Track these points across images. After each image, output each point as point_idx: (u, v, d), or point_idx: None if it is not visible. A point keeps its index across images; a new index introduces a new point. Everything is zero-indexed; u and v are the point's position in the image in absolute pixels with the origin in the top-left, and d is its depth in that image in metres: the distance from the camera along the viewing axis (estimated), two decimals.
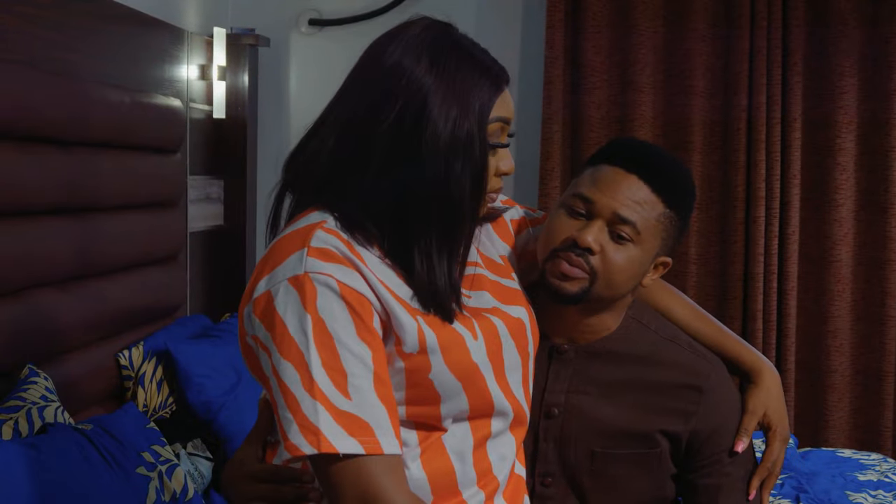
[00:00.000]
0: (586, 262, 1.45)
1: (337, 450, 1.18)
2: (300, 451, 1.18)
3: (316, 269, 1.21)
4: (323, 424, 1.18)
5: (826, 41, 3.88)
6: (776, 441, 1.56)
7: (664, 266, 1.54)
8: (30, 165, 2.44)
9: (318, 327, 1.20)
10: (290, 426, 1.18)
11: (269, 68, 4.08)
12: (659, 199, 1.48)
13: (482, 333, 1.34)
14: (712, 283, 4.00)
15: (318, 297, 1.20)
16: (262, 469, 1.36)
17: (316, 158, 1.31)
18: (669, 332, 1.58)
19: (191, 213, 3.58)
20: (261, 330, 1.23)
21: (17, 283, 2.42)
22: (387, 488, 1.19)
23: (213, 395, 2.92)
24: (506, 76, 1.34)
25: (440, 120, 1.26)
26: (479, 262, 1.44)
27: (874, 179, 3.90)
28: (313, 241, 1.24)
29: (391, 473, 1.21)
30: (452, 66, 1.29)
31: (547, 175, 3.96)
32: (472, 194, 1.29)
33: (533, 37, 4.08)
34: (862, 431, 3.95)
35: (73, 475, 2.10)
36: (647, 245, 1.48)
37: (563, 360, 1.54)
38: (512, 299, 1.43)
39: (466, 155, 1.27)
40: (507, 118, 1.33)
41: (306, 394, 1.18)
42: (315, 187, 1.32)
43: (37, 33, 2.57)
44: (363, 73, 1.33)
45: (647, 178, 1.48)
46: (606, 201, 1.47)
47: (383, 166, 1.27)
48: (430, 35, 1.31)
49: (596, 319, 1.54)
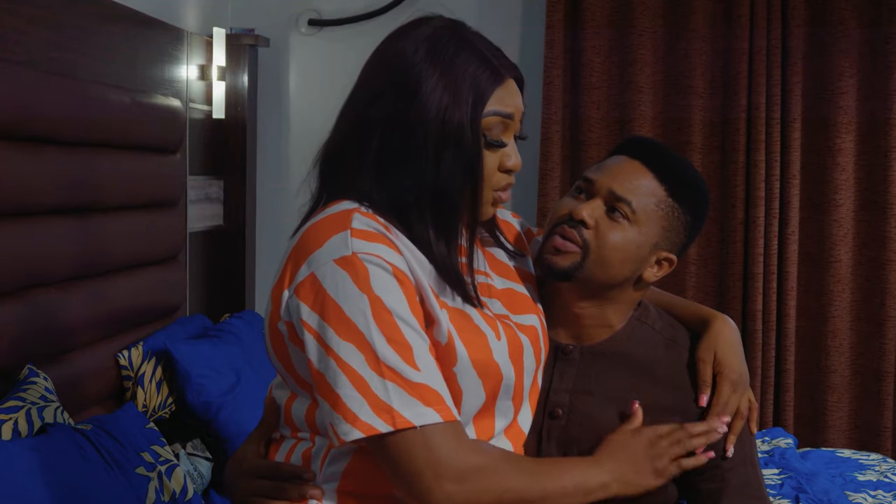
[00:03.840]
0: (580, 234, 1.47)
1: (413, 423, 1.19)
2: (375, 429, 1.19)
3: (363, 250, 1.22)
4: (395, 401, 1.19)
5: (826, 41, 3.88)
6: (724, 383, 1.48)
7: (668, 263, 1.54)
8: (30, 165, 2.44)
9: (376, 305, 1.20)
10: (361, 406, 1.19)
11: (268, 68, 4.08)
12: (661, 186, 1.49)
13: (505, 336, 1.34)
14: (712, 283, 4.00)
15: (371, 276, 1.21)
16: (263, 465, 1.36)
17: (330, 153, 1.33)
18: (671, 334, 1.58)
19: (190, 214, 3.59)
20: (307, 313, 1.22)
21: (17, 283, 2.42)
22: (465, 450, 1.23)
23: (213, 395, 2.92)
24: (512, 70, 1.33)
25: (430, 107, 1.27)
26: (488, 273, 1.44)
27: (874, 179, 3.89)
28: (354, 222, 1.25)
29: (463, 436, 1.24)
30: (450, 55, 1.29)
31: (547, 175, 3.96)
32: (465, 187, 1.29)
33: (533, 37, 4.08)
34: (861, 431, 3.95)
35: (72, 475, 2.10)
36: (645, 230, 1.48)
37: (568, 360, 1.54)
38: (523, 307, 1.43)
39: (457, 145, 1.27)
40: (506, 112, 1.31)
41: (374, 373, 1.19)
42: (329, 181, 1.33)
43: (37, 33, 2.57)
44: (369, 66, 1.34)
45: (651, 166, 1.50)
46: (605, 180, 1.49)
47: (381, 155, 1.29)
48: (435, 28, 1.32)
49: (597, 312, 1.54)
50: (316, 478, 1.31)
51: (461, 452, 1.22)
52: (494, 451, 1.30)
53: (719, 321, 1.55)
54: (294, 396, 1.33)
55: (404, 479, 1.22)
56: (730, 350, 1.51)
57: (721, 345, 1.51)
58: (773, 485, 2.97)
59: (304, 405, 1.31)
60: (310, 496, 1.30)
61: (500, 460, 1.28)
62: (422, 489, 1.22)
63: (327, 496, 1.30)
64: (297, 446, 1.34)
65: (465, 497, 1.22)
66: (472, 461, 1.23)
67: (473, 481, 1.23)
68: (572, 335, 1.56)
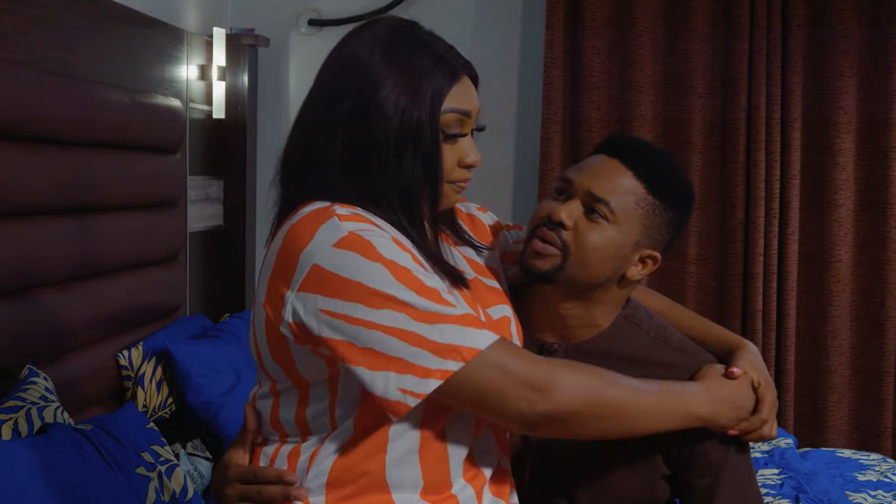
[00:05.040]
0: (559, 236, 1.47)
1: (479, 348, 1.23)
2: (449, 371, 1.22)
3: (358, 228, 1.25)
4: (455, 338, 1.22)
5: (826, 41, 3.87)
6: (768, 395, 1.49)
7: (653, 261, 1.53)
8: (30, 165, 2.44)
9: (393, 268, 1.23)
10: (426, 358, 1.21)
11: (268, 68, 4.08)
12: (641, 184, 1.49)
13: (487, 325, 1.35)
14: (712, 283, 4.00)
15: (377, 245, 1.23)
16: (247, 470, 1.37)
17: (292, 156, 1.36)
18: (660, 332, 1.57)
19: (190, 214, 3.59)
20: (325, 302, 1.23)
21: (17, 283, 2.42)
22: (531, 359, 1.27)
23: (213, 395, 2.92)
24: (466, 69, 1.35)
25: (389, 107, 1.29)
26: (459, 267, 1.44)
27: (874, 179, 3.89)
28: (337, 210, 1.27)
29: (518, 347, 1.33)
30: (405, 55, 1.31)
31: (547, 175, 3.96)
32: (424, 182, 1.31)
33: (533, 37, 4.08)
34: (861, 431, 3.95)
35: (72, 475, 2.10)
36: (625, 228, 1.48)
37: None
38: (494, 299, 1.45)
39: (416, 142, 1.30)
40: (464, 110, 1.33)
41: (423, 324, 1.22)
42: (297, 184, 1.34)
43: (37, 33, 2.57)
44: (323, 73, 1.37)
45: (629, 164, 1.49)
46: (583, 180, 1.49)
47: (344, 156, 1.31)
48: (389, 29, 1.35)
49: (583, 312, 1.54)
50: (300, 480, 1.32)
51: (533, 360, 1.28)
52: (565, 361, 1.36)
53: (750, 346, 1.57)
54: (279, 404, 1.34)
55: (491, 402, 1.25)
56: (765, 372, 1.53)
57: (756, 365, 1.52)
58: (773, 485, 2.97)
59: (292, 410, 1.33)
60: (294, 497, 1.31)
61: (576, 369, 1.32)
62: (511, 405, 1.25)
63: (316, 491, 1.31)
64: (282, 448, 1.35)
65: (554, 402, 1.26)
66: (548, 367, 1.28)
67: (558, 387, 1.26)
68: (558, 335, 1.56)
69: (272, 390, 1.35)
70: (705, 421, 1.42)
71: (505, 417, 1.28)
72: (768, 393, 1.49)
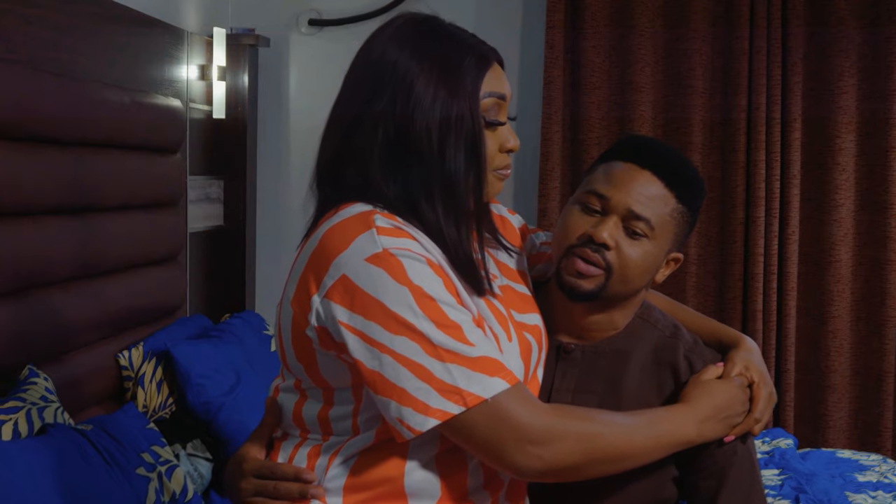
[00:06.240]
0: (602, 257, 1.47)
1: (484, 397, 1.21)
2: (448, 413, 1.21)
3: (393, 245, 1.23)
4: (461, 381, 1.21)
5: (826, 41, 3.87)
6: (762, 392, 1.49)
7: (675, 262, 1.56)
8: (30, 165, 2.44)
9: (418, 295, 1.22)
10: (429, 395, 1.21)
11: (268, 68, 4.08)
12: (672, 194, 1.49)
13: (516, 336, 1.36)
14: (712, 283, 4.00)
15: (406, 268, 1.22)
16: (264, 465, 1.36)
17: (330, 157, 1.34)
18: (673, 331, 1.58)
19: (190, 214, 3.59)
20: (346, 315, 1.23)
21: (18, 284, 2.42)
22: (539, 410, 1.25)
23: (213, 395, 2.92)
24: (494, 54, 1.36)
25: (428, 99, 1.29)
26: (493, 273, 1.44)
27: (874, 179, 3.89)
28: (378, 221, 1.26)
29: (531, 397, 1.28)
30: (435, 49, 1.31)
31: (547, 175, 3.96)
32: (469, 171, 1.31)
33: (533, 37, 4.08)
34: (862, 432, 3.95)
35: (72, 476, 2.10)
36: (661, 240, 1.49)
37: (569, 359, 1.55)
38: (525, 306, 1.45)
39: (459, 133, 1.30)
40: (500, 93, 1.34)
41: (433, 360, 1.21)
42: (337, 183, 1.33)
43: (37, 33, 2.57)
44: (354, 73, 1.36)
45: (660, 174, 1.49)
46: (621, 197, 1.47)
47: (386, 156, 1.30)
48: (411, 25, 1.35)
49: (605, 317, 1.54)
50: (318, 479, 1.31)
51: (536, 413, 1.25)
52: (568, 408, 1.33)
53: (748, 341, 1.56)
54: (304, 399, 1.34)
55: (489, 451, 1.25)
56: (762, 367, 1.52)
57: (753, 360, 1.52)
58: (773, 485, 2.98)
59: (316, 407, 1.32)
60: (311, 496, 1.31)
61: (577, 418, 1.30)
62: (508, 457, 1.24)
63: (334, 492, 1.31)
64: (303, 444, 1.34)
65: (552, 456, 1.25)
66: (549, 420, 1.25)
67: (556, 441, 1.25)
68: (575, 336, 1.56)
69: (297, 385, 1.35)
70: (694, 443, 1.41)
71: (502, 466, 1.27)
72: (762, 391, 1.49)
